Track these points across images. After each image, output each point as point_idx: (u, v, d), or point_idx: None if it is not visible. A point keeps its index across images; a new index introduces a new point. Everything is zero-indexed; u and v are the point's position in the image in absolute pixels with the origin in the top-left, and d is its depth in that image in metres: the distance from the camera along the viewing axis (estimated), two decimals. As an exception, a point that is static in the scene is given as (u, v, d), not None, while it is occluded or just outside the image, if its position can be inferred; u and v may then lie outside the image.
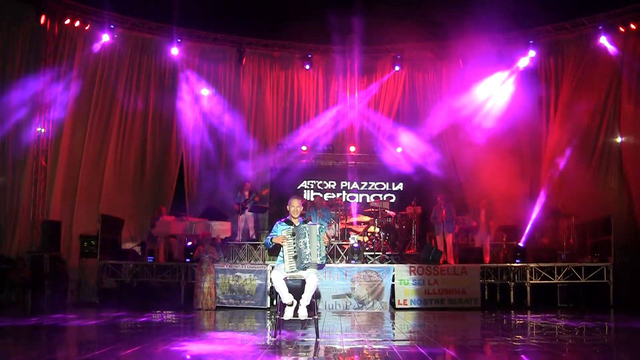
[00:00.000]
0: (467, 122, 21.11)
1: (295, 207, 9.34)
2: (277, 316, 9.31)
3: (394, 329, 11.79)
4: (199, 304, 15.15)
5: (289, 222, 9.33)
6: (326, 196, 21.73)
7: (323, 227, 9.31)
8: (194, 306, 15.24)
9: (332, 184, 22.33)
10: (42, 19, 18.49)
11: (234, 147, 21.90)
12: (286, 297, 9.05)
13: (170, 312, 14.45)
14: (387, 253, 17.66)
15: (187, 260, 16.83)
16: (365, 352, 8.16)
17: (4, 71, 18.08)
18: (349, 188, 22.23)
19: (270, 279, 9.85)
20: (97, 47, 19.88)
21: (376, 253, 17.65)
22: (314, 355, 7.90)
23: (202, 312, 14.70)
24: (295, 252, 9.00)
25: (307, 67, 22.52)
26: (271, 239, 9.26)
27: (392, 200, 21.88)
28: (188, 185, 21.56)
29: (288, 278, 9.10)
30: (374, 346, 8.62)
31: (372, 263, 16.99)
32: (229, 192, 21.37)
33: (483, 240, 17.85)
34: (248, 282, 15.87)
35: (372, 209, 19.38)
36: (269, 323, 12.26)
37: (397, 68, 22.44)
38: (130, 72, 20.91)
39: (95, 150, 19.97)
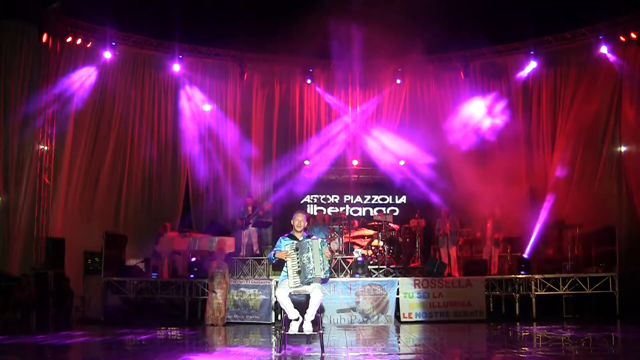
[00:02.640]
0: (469, 134, 21.12)
1: (299, 221, 9.33)
2: (282, 331, 9.27)
3: (399, 342, 11.75)
4: (208, 320, 15.09)
5: (293, 237, 9.31)
6: (329, 210, 21.73)
7: (324, 241, 9.26)
8: (205, 321, 15.17)
9: (335, 197, 22.34)
10: (44, 37, 18.57)
11: (236, 162, 21.90)
12: (292, 313, 9.02)
13: (174, 328, 14.42)
14: (391, 266, 17.61)
15: (192, 276, 16.80)
16: (370, 366, 8.13)
17: (7, 89, 18.13)
18: (352, 202, 22.24)
19: (275, 296, 9.79)
20: (99, 64, 19.96)
21: (380, 266, 17.61)
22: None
23: (208, 327, 14.64)
24: (299, 266, 8.97)
25: (309, 81, 22.57)
26: (274, 254, 9.24)
27: (396, 214, 21.88)
28: (192, 201, 21.57)
29: (292, 293, 9.07)
30: (380, 360, 8.59)
31: (376, 277, 16.95)
32: (232, 207, 21.41)
33: (492, 252, 17.77)
34: (252, 297, 15.82)
35: (376, 222, 19.38)
36: (274, 338, 12.23)
37: (398, 81, 22.46)
38: (133, 88, 20.97)
39: (97, 167, 20.01)
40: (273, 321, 15.52)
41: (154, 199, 21.04)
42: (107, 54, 19.90)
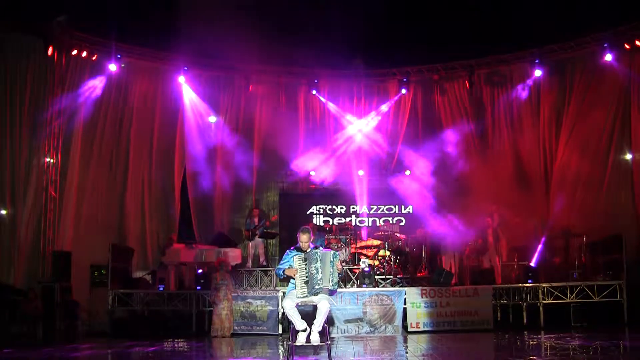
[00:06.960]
0: (475, 142, 21.15)
1: (304, 242, 9.28)
2: (290, 342, 9.25)
3: (407, 352, 11.71)
4: (215, 332, 15.06)
5: (300, 249, 9.28)
6: (336, 220, 21.69)
7: (337, 253, 9.24)
8: (210, 333, 15.14)
9: (341, 208, 22.28)
10: (50, 50, 18.66)
11: (241, 173, 21.81)
12: (299, 323, 9.01)
13: (182, 340, 14.42)
14: (398, 276, 17.55)
15: (198, 288, 16.76)
16: (378, 377, 8.10)
17: (13, 102, 18.21)
18: (358, 212, 22.17)
19: (283, 307, 9.75)
20: (104, 76, 19.99)
21: (387, 276, 17.55)
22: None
23: (216, 339, 14.61)
24: (306, 277, 8.96)
25: (314, 92, 22.56)
26: (283, 271, 9.20)
27: (402, 223, 21.78)
28: (197, 213, 21.53)
29: (300, 304, 9.06)
30: (388, 371, 8.56)
31: (383, 287, 16.88)
32: (238, 218, 21.40)
33: (492, 259, 17.71)
34: (259, 308, 15.80)
35: (382, 233, 19.33)
36: (281, 349, 12.21)
37: (403, 91, 22.43)
38: (137, 100, 20.97)
39: (103, 179, 20.02)
40: (280, 332, 15.51)
41: (160, 211, 21.02)
42: (113, 67, 19.90)
